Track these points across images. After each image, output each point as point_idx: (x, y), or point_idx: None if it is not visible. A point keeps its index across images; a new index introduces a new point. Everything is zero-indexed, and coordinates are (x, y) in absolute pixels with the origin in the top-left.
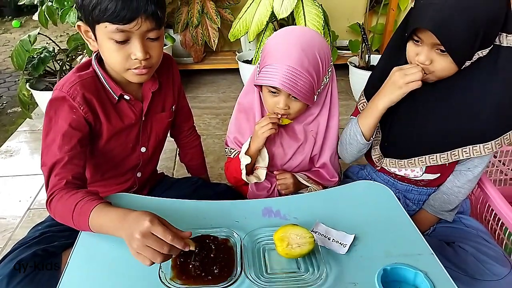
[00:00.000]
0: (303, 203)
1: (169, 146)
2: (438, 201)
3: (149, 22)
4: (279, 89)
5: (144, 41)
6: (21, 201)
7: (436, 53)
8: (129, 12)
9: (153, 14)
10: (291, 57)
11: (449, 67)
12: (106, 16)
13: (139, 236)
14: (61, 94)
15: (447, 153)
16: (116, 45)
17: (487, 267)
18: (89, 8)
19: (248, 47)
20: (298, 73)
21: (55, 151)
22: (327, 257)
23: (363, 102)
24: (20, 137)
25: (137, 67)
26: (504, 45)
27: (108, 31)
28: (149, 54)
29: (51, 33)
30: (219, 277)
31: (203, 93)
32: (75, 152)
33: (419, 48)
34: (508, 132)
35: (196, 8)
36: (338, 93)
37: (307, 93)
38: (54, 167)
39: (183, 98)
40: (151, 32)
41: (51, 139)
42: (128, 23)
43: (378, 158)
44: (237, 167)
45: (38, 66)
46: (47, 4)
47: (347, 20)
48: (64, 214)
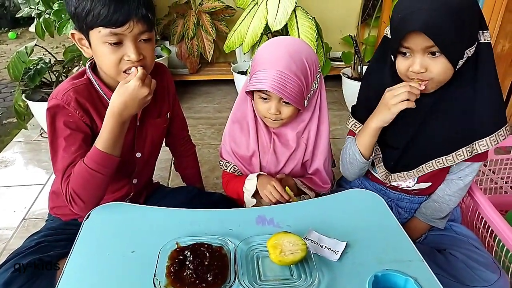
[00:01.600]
0: (296, 211)
1: (164, 155)
2: (429, 209)
3: (140, 24)
4: (269, 94)
5: (137, 43)
6: (16, 212)
7: (429, 58)
8: (122, 16)
9: (144, 16)
10: (279, 62)
11: (446, 69)
12: (99, 21)
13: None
14: (56, 102)
15: (452, 154)
16: (110, 48)
17: (477, 273)
18: (82, 15)
19: (243, 59)
20: (286, 76)
21: (63, 154)
22: (320, 264)
23: (354, 123)
24: (15, 147)
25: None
26: (482, 41)
27: (102, 35)
28: (142, 55)
29: (47, 44)
30: (213, 285)
31: (199, 104)
32: (83, 152)
33: (410, 59)
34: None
35: (191, 21)
36: (331, 103)
37: (296, 96)
38: (67, 170)
39: (178, 106)
40: (143, 34)
41: (56, 145)
42: (121, 26)
43: (385, 175)
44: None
45: (35, 77)
46: (44, 17)
47: (340, 32)
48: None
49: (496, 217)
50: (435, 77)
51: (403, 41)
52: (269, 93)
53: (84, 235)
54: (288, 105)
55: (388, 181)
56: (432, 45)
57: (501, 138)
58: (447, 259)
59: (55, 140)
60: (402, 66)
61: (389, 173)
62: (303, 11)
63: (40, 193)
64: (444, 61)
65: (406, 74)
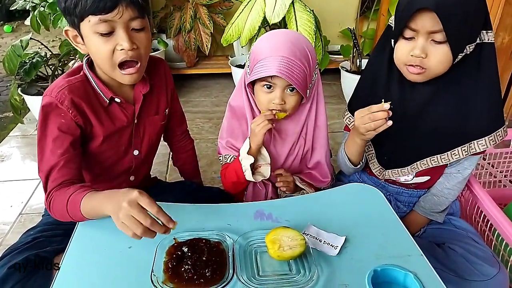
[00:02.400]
0: (294, 206)
1: (162, 150)
2: (428, 202)
3: (130, 9)
4: (274, 82)
5: (129, 31)
6: (12, 207)
7: (432, 44)
8: (110, 1)
9: (134, 1)
10: (283, 49)
11: (445, 59)
12: (88, 8)
13: (126, 204)
14: (50, 99)
15: (446, 153)
16: (102, 38)
17: (476, 267)
18: (71, 7)
19: (241, 52)
20: (292, 62)
21: (49, 156)
22: (319, 259)
23: (348, 116)
24: (12, 142)
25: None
26: (486, 41)
27: (92, 24)
28: (135, 45)
29: (43, 38)
30: (212, 280)
31: (196, 98)
32: (69, 156)
33: (412, 42)
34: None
35: (188, 14)
36: (330, 97)
37: (302, 83)
38: (51, 172)
39: (177, 101)
40: (134, 21)
41: (44, 145)
42: (110, 12)
43: (379, 171)
44: (237, 170)
45: (30, 71)
46: (39, 10)
47: (338, 25)
48: (61, 210)
49: (495, 211)
50: (432, 67)
51: (410, 22)
52: (273, 82)
53: (81, 231)
54: (293, 94)
55: (382, 177)
56: (438, 30)
57: (499, 138)
58: (446, 253)
59: (43, 139)
60: (403, 50)
61: (383, 169)
62: (301, 4)
63: (36, 188)
64: (445, 50)
65: (405, 59)
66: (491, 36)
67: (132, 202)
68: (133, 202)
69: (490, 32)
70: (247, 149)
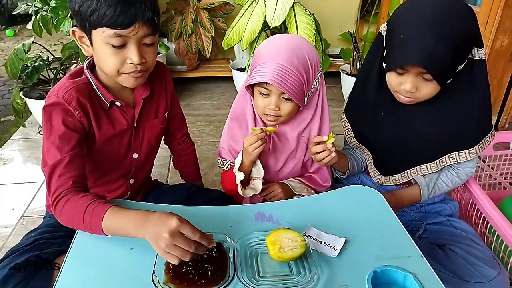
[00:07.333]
0: (295, 208)
1: (163, 153)
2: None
3: (145, 27)
4: (270, 88)
5: (140, 46)
6: (14, 209)
7: (421, 80)
8: (127, 18)
9: (150, 20)
10: (281, 56)
11: (434, 90)
12: (104, 21)
13: (168, 235)
14: (57, 99)
15: (436, 161)
16: (112, 50)
17: (476, 269)
18: (87, 14)
19: (242, 55)
20: (287, 70)
21: (55, 152)
22: (319, 260)
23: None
24: (14, 145)
25: (133, 71)
26: (477, 58)
27: (106, 35)
28: (144, 59)
29: (45, 42)
30: (212, 281)
31: (197, 101)
32: (75, 152)
33: (403, 77)
34: (487, 134)
35: (189, 17)
36: (330, 100)
37: (297, 91)
38: (57, 167)
39: (177, 105)
40: (147, 37)
41: (50, 142)
42: (126, 28)
43: (377, 177)
44: (232, 180)
45: (32, 75)
46: (42, 14)
47: (338, 29)
48: (73, 217)
49: (495, 212)
50: (421, 97)
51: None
52: (269, 88)
53: (82, 232)
54: (288, 102)
55: (380, 182)
56: (428, 73)
57: (486, 144)
58: (447, 255)
59: (49, 137)
60: (395, 81)
61: (380, 174)
62: (302, 7)
63: (38, 191)
64: (434, 85)
65: (396, 89)
66: (481, 54)
67: (174, 233)
68: (175, 232)
69: (481, 50)
70: (239, 165)
